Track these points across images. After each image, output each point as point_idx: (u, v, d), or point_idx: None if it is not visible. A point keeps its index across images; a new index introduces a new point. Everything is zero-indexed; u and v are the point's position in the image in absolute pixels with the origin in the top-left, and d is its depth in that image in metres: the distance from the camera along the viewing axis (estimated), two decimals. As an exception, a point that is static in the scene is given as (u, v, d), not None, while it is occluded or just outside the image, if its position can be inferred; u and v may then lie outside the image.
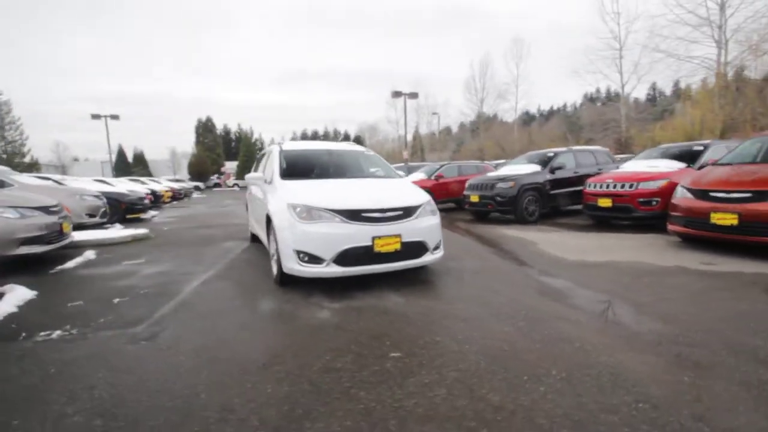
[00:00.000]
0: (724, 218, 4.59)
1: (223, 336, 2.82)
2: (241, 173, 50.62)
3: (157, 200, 16.44)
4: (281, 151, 4.95)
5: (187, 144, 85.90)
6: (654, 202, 6.55)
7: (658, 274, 4.08)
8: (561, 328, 2.80)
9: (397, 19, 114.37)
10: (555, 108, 69.52)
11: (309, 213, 3.62)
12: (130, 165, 54.49)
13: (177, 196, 22.12)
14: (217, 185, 51.70)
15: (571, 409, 1.86)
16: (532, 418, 1.81)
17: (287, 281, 3.86)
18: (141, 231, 7.47)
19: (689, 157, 7.18)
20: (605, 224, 7.58)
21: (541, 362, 2.32)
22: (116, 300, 3.68)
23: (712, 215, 4.71)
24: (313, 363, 2.37)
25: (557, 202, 8.95)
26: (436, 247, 4.06)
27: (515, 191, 8.35)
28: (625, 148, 22.85)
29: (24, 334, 2.93)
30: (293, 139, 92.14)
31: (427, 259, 3.94)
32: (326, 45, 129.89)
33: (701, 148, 7.23)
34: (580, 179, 9.14)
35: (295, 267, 3.61)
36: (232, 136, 76.34)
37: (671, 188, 6.53)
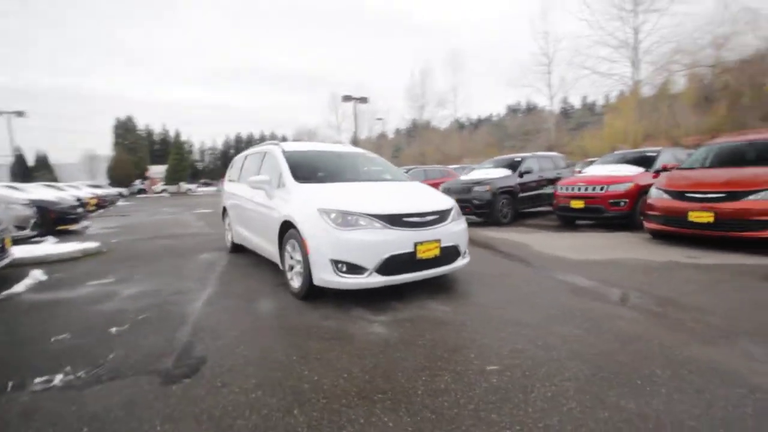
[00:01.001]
0: (701, 216, 5.11)
1: (283, 362, 2.43)
2: (171, 178, 46.48)
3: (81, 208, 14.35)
4: (284, 152, 4.53)
5: (102, 146, 77.03)
6: (622, 203, 7.14)
7: (661, 270, 4.39)
8: (624, 327, 2.85)
9: (337, 22, 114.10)
10: (482, 117, 74.12)
11: (345, 219, 3.32)
12: (30, 169, 47.26)
13: (102, 203, 19.58)
14: (141, 191, 46.91)
15: (706, 410, 1.85)
16: (682, 421, 1.77)
17: (310, 295, 3.51)
18: (91, 245, 6.40)
19: (643, 162, 7.95)
20: (571, 224, 8.11)
21: (638, 363, 2.31)
22: (113, 329, 3.04)
23: (690, 213, 5.22)
24: (413, 385, 2.13)
25: (524, 204, 9.41)
26: (465, 252, 3.97)
27: (491, 195, 8.60)
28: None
29: (11, 383, 2.27)
30: (227, 142, 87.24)
31: (458, 264, 3.83)
32: (260, 44, 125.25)
33: (654, 154, 8.05)
34: (542, 183, 9.74)
35: (331, 278, 3.28)
36: (156, 138, 70.19)
37: (637, 190, 7.20)
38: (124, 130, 52.91)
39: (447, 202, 3.91)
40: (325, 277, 3.31)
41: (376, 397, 2.03)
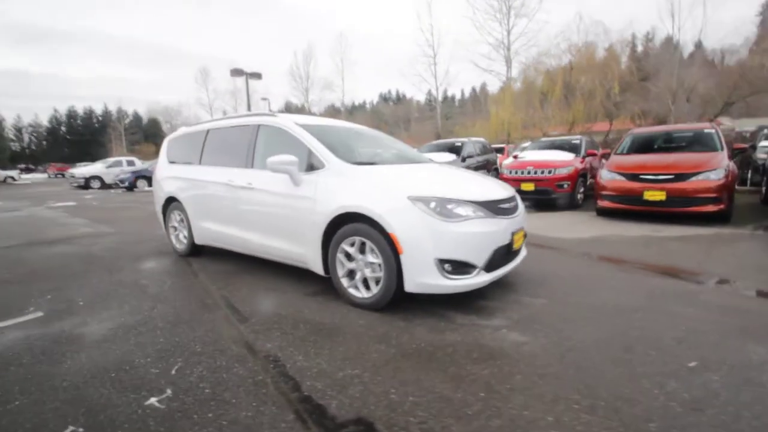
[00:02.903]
0: (655, 195, 5.93)
1: (470, 404, 1.80)
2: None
3: None
4: (304, 126, 3.52)
5: None
6: (566, 185, 7.90)
7: (652, 244, 4.91)
8: (716, 302, 3.01)
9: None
10: (357, 104, 75.57)
11: (445, 209, 2.70)
12: None
13: None
14: None
15: None
16: None
17: (389, 305, 2.83)
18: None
19: (570, 148, 8.95)
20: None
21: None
22: (165, 394, 1.87)
23: (646, 193, 6.01)
24: (655, 393, 1.78)
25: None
26: (523, 241, 3.72)
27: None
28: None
29: None
30: (56, 118, 69.52)
31: (524, 254, 3.56)
32: (97, 6, 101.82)
33: (578, 141, 9.12)
34: (481, 166, 10.23)
35: (436, 282, 2.65)
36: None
37: (576, 173, 8.05)
38: None
39: (509, 186, 3.59)
40: (427, 280, 2.66)
41: (600, 414, 1.62)
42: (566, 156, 8.42)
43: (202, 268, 4.18)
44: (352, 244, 2.95)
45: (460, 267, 2.69)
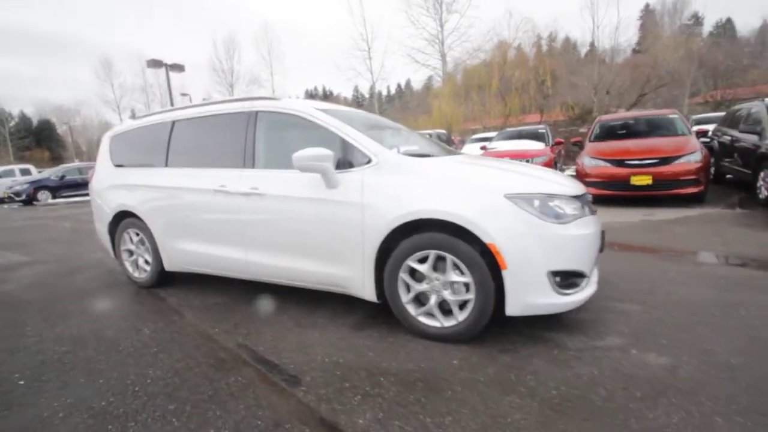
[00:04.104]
0: (642, 179, 6.00)
1: None
2: None
3: None
4: (327, 112, 2.73)
5: None
6: (543, 174, 7.86)
7: (655, 229, 4.87)
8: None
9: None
10: None
11: (549, 208, 2.15)
12: None
13: None
14: None
15: None
16: None
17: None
18: None
19: (536, 137, 8.99)
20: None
21: None
22: None
23: (633, 178, 6.06)
24: None
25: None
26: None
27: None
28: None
29: None
30: None
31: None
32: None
33: (543, 130, 9.20)
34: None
35: (546, 301, 2.10)
36: None
37: (550, 162, 8.04)
38: None
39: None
40: (538, 299, 2.09)
41: None
42: (537, 145, 8.41)
43: (183, 303, 3.17)
44: (422, 260, 2.28)
45: (570, 278, 2.16)
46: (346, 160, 2.53)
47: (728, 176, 7.53)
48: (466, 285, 2.20)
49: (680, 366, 1.94)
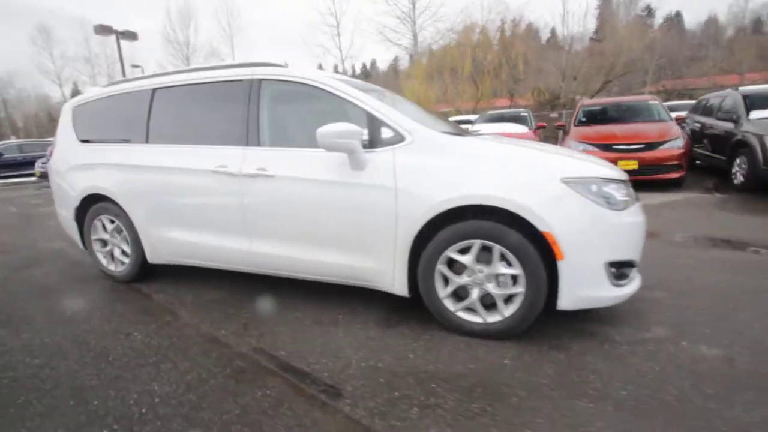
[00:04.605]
0: (629, 164, 6.09)
1: None
2: None
3: None
4: (349, 82, 2.40)
5: None
6: (527, 158, 7.86)
7: (652, 212, 4.95)
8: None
9: None
10: None
11: (604, 192, 1.98)
12: None
13: None
14: None
15: None
16: None
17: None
18: None
19: (518, 121, 8.98)
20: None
21: None
22: None
23: (620, 162, 6.13)
24: None
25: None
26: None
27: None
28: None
29: None
30: None
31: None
32: None
33: (525, 114, 9.18)
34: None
35: (602, 294, 1.96)
36: None
37: (535, 145, 8.06)
38: None
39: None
40: (594, 292, 1.95)
41: None
42: (521, 129, 8.37)
43: (173, 301, 2.78)
44: (463, 251, 2.06)
45: (623, 269, 2.03)
46: (373, 138, 2.23)
47: (698, 162, 7.87)
48: (514, 277, 2.01)
49: (736, 358, 1.88)
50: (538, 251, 1.93)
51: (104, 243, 3.20)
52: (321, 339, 2.19)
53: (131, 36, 17.65)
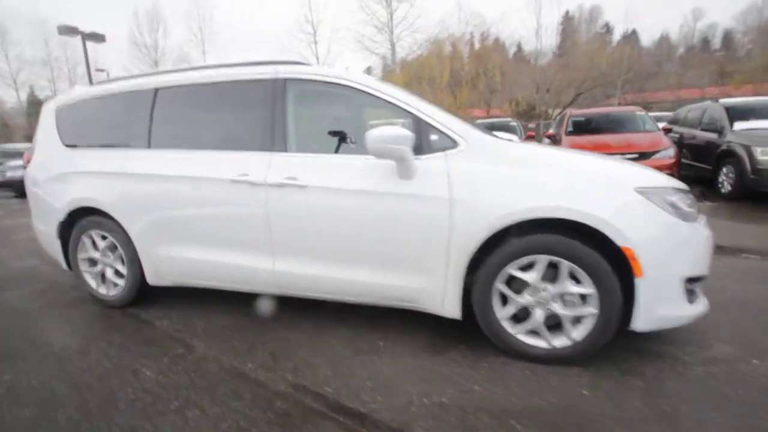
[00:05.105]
0: (624, 173, 6.19)
1: None
2: None
3: None
4: (383, 84, 2.19)
5: None
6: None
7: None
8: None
9: None
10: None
11: (677, 204, 1.86)
12: None
13: None
14: None
15: None
16: None
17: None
18: None
19: (507, 130, 9.03)
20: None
21: None
22: None
23: (615, 172, 6.23)
24: None
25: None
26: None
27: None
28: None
29: None
30: None
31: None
32: None
33: (515, 123, 9.25)
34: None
35: (679, 312, 1.83)
36: None
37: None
38: None
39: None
40: (671, 311, 1.81)
41: None
42: (512, 138, 8.41)
43: (180, 328, 2.43)
44: (524, 268, 1.88)
45: (694, 284, 1.91)
46: (421, 144, 2.03)
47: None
48: (583, 297, 1.85)
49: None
50: (614, 268, 1.77)
51: (93, 262, 2.81)
52: (366, 370, 1.94)
53: (98, 38, 16.72)
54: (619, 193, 1.80)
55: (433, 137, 2.03)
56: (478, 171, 1.93)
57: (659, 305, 1.80)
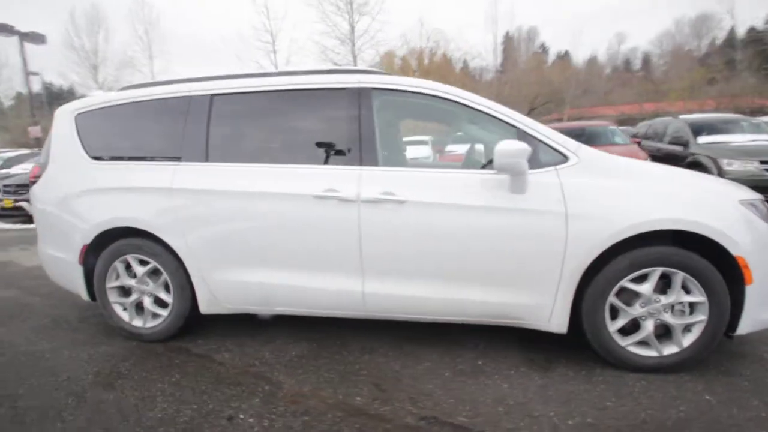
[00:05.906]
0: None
1: None
2: None
3: None
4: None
5: None
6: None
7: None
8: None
9: None
10: None
11: (761, 212, 1.99)
12: None
13: None
14: None
15: None
16: None
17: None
18: None
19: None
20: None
21: None
22: None
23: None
24: None
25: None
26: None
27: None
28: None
29: None
30: None
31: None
32: None
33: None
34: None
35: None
36: None
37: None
38: None
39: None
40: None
41: None
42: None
43: (253, 362, 2.17)
44: (637, 280, 1.91)
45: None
46: (549, 159, 2.01)
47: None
48: (691, 305, 1.91)
49: None
50: (723, 276, 1.85)
51: (126, 291, 2.45)
52: (487, 394, 1.84)
53: (38, 38, 15.09)
54: (728, 205, 1.90)
55: (545, 152, 2.02)
56: (593, 185, 1.94)
57: (762, 309, 1.90)
